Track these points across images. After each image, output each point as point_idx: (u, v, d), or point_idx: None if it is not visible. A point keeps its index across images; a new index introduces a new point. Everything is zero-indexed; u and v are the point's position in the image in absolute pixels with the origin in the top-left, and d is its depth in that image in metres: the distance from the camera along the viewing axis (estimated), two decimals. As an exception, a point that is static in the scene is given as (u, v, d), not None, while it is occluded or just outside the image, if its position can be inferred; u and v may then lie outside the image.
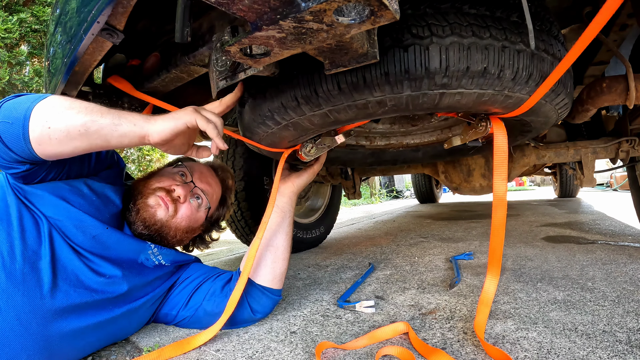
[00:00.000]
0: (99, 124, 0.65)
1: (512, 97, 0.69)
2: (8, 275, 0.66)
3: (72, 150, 0.67)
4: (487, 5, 0.64)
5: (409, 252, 1.74)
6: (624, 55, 1.09)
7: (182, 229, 0.90)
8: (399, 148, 1.41)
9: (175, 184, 0.88)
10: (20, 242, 0.69)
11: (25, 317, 0.66)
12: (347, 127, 0.96)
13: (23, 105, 0.65)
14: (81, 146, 0.67)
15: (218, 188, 1.01)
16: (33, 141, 0.64)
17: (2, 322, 0.64)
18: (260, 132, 0.83)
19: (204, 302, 0.90)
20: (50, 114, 0.64)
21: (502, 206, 0.75)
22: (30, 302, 0.67)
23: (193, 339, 0.82)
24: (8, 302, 0.65)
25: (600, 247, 1.57)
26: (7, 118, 0.64)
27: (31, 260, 0.69)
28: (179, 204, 0.88)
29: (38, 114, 0.64)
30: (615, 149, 1.48)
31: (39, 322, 0.68)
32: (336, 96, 0.67)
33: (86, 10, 0.63)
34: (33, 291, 0.68)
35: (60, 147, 0.66)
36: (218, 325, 0.83)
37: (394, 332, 0.80)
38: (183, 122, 0.70)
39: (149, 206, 0.85)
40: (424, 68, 0.61)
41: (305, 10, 0.40)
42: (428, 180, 4.97)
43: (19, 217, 0.72)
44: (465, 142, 0.94)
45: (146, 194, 0.86)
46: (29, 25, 2.93)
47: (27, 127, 0.64)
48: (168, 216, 0.86)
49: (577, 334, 0.75)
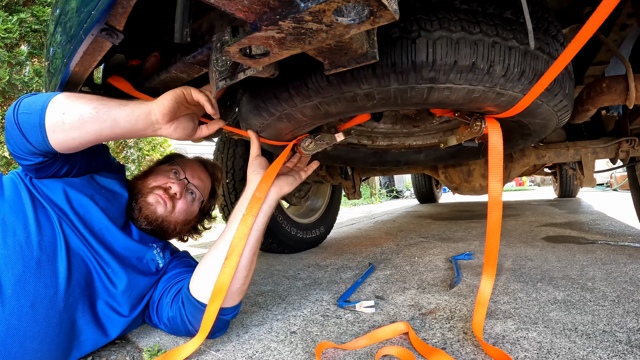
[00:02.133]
0: (107, 106, 0.72)
1: (505, 95, 0.69)
2: (25, 264, 0.68)
3: (83, 135, 0.73)
4: (479, 2, 0.64)
5: (409, 252, 1.74)
6: (624, 55, 1.09)
7: (180, 222, 0.97)
8: (401, 149, 1.41)
9: (171, 182, 0.95)
10: (37, 233, 0.72)
11: (40, 304, 0.68)
12: (347, 125, 0.96)
13: (41, 99, 0.73)
14: (92, 129, 0.72)
15: (208, 181, 1.08)
16: (48, 129, 0.71)
17: (17, 308, 0.65)
18: (257, 123, 0.84)
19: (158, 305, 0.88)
20: (64, 103, 0.72)
21: (497, 207, 0.75)
22: (45, 291, 0.69)
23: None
24: (24, 289, 0.67)
25: (600, 247, 1.57)
26: (26, 109, 0.72)
27: (47, 251, 0.72)
28: (175, 200, 0.95)
29: (54, 104, 0.72)
30: (615, 149, 1.48)
31: (52, 311, 0.69)
32: (325, 88, 0.67)
33: (86, 11, 0.63)
34: (49, 280, 0.70)
35: (72, 133, 0.72)
36: (191, 348, 0.76)
37: (394, 332, 0.80)
38: (180, 90, 0.75)
39: (149, 204, 0.91)
40: (410, 61, 0.61)
41: (305, 10, 0.40)
42: (428, 180, 4.98)
43: (33, 210, 0.75)
44: (461, 142, 0.94)
45: (145, 192, 0.92)
46: (29, 25, 2.93)
47: (43, 116, 0.71)
48: (167, 212, 0.93)
49: (577, 334, 0.75)
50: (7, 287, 0.65)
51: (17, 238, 0.70)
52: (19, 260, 0.68)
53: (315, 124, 0.84)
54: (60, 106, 0.71)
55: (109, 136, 0.74)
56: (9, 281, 0.66)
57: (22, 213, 0.73)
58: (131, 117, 0.73)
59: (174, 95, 0.74)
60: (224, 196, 1.71)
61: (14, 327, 0.64)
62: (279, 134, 0.88)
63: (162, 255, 0.93)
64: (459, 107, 0.75)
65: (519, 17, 0.65)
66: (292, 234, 1.87)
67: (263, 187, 0.84)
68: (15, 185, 0.79)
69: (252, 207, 0.81)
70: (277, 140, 0.92)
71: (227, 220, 0.92)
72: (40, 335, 0.67)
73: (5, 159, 2.95)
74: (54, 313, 0.70)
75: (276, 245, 1.83)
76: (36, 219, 0.74)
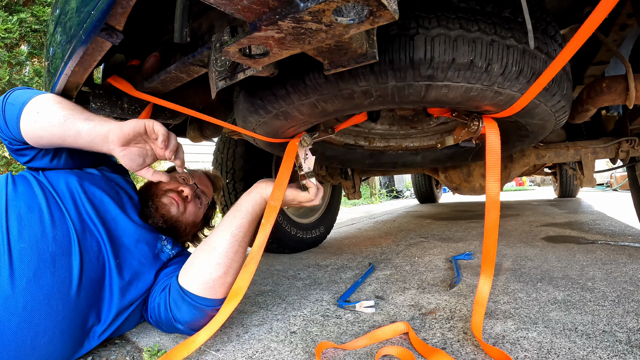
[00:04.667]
0: (76, 117, 0.76)
1: (503, 94, 0.69)
2: (40, 258, 0.69)
3: (50, 137, 0.77)
4: (478, 0, 0.64)
5: (409, 252, 1.74)
6: (624, 55, 1.09)
7: (190, 224, 1.06)
8: (398, 150, 1.40)
9: (182, 186, 1.04)
10: (52, 227, 0.74)
11: (53, 298, 0.69)
12: (344, 126, 0.96)
13: (26, 95, 0.80)
14: (58, 135, 0.75)
15: (211, 191, 1.19)
16: (22, 121, 0.77)
17: (30, 302, 0.66)
18: (254, 121, 0.84)
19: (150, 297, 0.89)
20: (43, 104, 0.77)
21: (495, 207, 0.75)
22: (59, 285, 0.70)
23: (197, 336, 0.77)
24: (38, 283, 0.68)
25: (600, 247, 1.57)
26: (13, 101, 0.79)
27: (62, 245, 0.74)
28: (187, 202, 1.03)
29: (33, 103, 0.77)
30: (615, 149, 1.48)
31: (65, 305, 0.70)
32: (322, 85, 0.67)
33: (86, 11, 0.63)
34: (64, 274, 0.71)
35: (40, 133, 0.77)
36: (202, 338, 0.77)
37: (394, 332, 0.80)
38: (143, 122, 0.76)
39: (164, 204, 0.99)
40: (408, 58, 0.61)
41: (304, 10, 0.40)
42: (428, 181, 4.98)
43: (47, 205, 0.76)
44: (458, 141, 0.94)
45: (160, 194, 1.00)
46: (29, 25, 2.93)
47: (22, 110, 0.77)
48: (179, 212, 1.01)
49: (577, 334, 0.75)
50: (22, 281, 0.66)
51: (33, 232, 0.71)
52: (34, 254, 0.69)
53: (313, 122, 0.84)
54: (37, 106, 0.77)
55: (72, 144, 0.77)
56: (24, 275, 0.66)
57: (37, 207, 0.75)
58: (91, 133, 0.74)
59: (135, 124, 0.75)
60: (223, 196, 1.71)
61: (26, 321, 0.65)
62: (275, 131, 0.88)
63: (170, 248, 0.96)
64: (457, 106, 0.75)
65: (517, 16, 0.65)
66: (292, 234, 1.87)
67: (277, 196, 0.85)
68: (28, 181, 0.81)
69: (268, 216, 0.85)
70: (273, 137, 0.92)
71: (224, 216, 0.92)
72: (52, 330, 0.68)
73: (5, 159, 2.95)
74: (67, 307, 0.70)
75: (276, 245, 1.83)
76: (50, 214, 0.75)
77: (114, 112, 0.99)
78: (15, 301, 0.64)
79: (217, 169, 1.73)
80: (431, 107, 0.84)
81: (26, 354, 0.65)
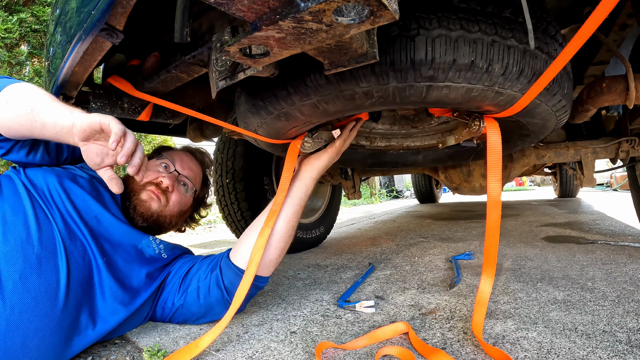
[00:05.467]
0: (43, 109, 0.71)
1: (504, 94, 0.69)
2: (25, 260, 0.69)
3: (18, 128, 0.74)
4: (478, 1, 0.64)
5: (409, 252, 1.74)
6: (624, 55, 1.09)
7: (175, 214, 1.00)
8: (399, 150, 1.40)
9: (162, 176, 0.96)
10: (37, 230, 0.73)
11: (41, 300, 0.68)
12: (345, 122, 0.96)
13: (2, 83, 0.75)
14: (25, 126, 0.72)
15: (199, 170, 1.10)
16: None
17: (18, 305, 0.65)
18: (255, 122, 0.84)
19: (189, 288, 0.91)
20: (15, 94, 0.73)
21: (496, 207, 0.75)
22: (46, 287, 0.69)
23: (200, 340, 0.78)
24: (25, 285, 0.67)
25: (600, 247, 1.57)
26: None
27: (48, 247, 0.73)
28: (168, 193, 0.97)
29: (6, 91, 0.73)
30: (615, 149, 1.48)
31: (53, 307, 0.70)
32: (324, 86, 0.67)
33: (86, 11, 0.63)
34: (50, 276, 0.71)
35: (8, 123, 0.73)
36: (224, 322, 0.80)
37: (394, 332, 0.80)
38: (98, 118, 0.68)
39: (143, 201, 0.93)
40: (409, 59, 0.61)
41: (305, 10, 0.40)
42: (428, 180, 4.98)
43: (32, 207, 0.76)
44: (459, 141, 0.94)
45: (137, 190, 0.93)
46: (29, 25, 2.93)
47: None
48: (161, 206, 0.95)
49: (577, 334, 0.75)
50: (8, 284, 0.65)
51: (17, 235, 0.70)
52: (19, 256, 0.68)
53: (314, 123, 0.84)
54: (7, 96, 0.73)
55: (40, 136, 0.73)
56: (10, 278, 0.66)
57: (22, 210, 0.74)
58: (56, 125, 0.70)
59: (90, 120, 0.68)
60: (223, 196, 1.71)
61: (15, 324, 0.64)
62: (277, 132, 0.88)
63: (157, 243, 0.94)
64: (458, 106, 0.75)
65: (517, 16, 0.65)
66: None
67: (279, 201, 0.90)
68: (13, 183, 0.80)
69: (269, 220, 0.89)
70: (275, 138, 0.92)
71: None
72: (42, 332, 0.67)
73: (5, 159, 2.95)
74: (56, 308, 0.70)
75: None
76: (35, 216, 0.74)
77: (114, 112, 0.98)
78: (3, 304, 0.64)
79: (217, 169, 1.73)
80: (432, 107, 0.84)
81: (17, 356, 0.64)
